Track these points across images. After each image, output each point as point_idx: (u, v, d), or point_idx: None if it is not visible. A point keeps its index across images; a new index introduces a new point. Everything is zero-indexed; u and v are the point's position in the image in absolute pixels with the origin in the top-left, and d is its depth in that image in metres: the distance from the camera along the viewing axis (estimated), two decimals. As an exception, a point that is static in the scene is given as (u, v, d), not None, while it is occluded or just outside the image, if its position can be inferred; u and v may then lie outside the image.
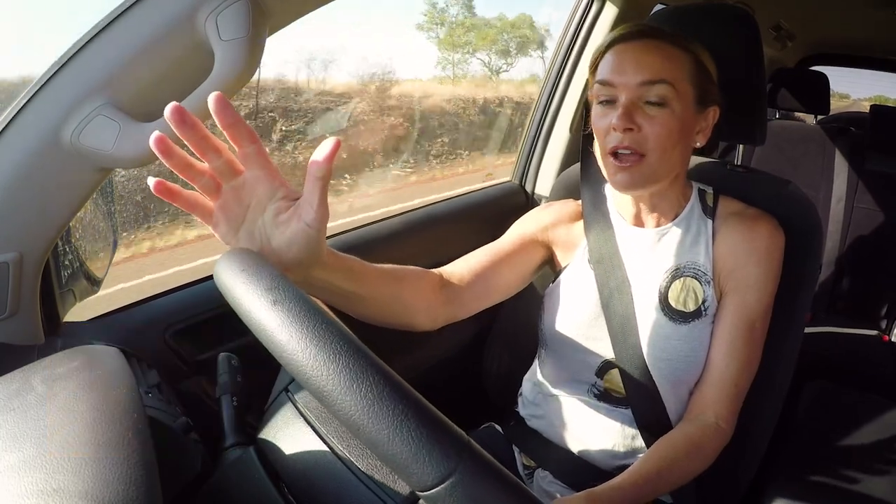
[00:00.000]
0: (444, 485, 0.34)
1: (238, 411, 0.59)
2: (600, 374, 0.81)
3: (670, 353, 0.77)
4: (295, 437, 0.54)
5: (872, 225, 1.89)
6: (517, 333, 1.11)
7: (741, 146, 1.08)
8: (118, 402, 0.46)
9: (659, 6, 1.44)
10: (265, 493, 0.51)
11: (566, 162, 1.45)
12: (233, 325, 0.69)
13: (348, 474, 0.50)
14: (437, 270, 0.78)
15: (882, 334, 1.72)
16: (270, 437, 0.56)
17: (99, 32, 0.57)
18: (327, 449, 0.52)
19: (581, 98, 1.43)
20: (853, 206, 1.91)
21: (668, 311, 0.78)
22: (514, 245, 0.85)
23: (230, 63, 0.56)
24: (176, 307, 0.88)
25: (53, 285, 0.71)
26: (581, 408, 0.83)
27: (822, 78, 2.04)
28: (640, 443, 0.80)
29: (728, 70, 0.80)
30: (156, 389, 0.68)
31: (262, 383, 0.63)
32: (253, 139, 0.49)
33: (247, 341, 0.78)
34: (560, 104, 1.46)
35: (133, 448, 0.41)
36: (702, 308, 0.77)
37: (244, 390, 0.61)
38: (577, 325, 0.82)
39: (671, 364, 0.77)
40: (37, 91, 0.58)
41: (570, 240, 0.88)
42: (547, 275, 0.91)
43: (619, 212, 0.84)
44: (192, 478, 0.56)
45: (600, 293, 0.81)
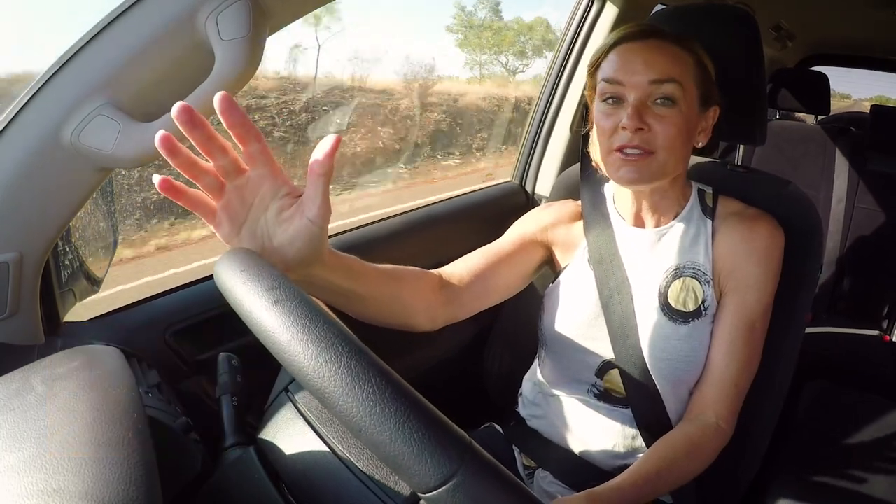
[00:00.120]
0: (446, 486, 0.34)
1: (238, 411, 0.59)
2: (600, 374, 0.81)
3: (670, 353, 0.77)
4: (295, 437, 0.54)
5: (873, 225, 1.89)
6: (517, 333, 1.11)
7: (741, 146, 1.08)
8: (118, 402, 0.46)
9: (659, 6, 1.44)
10: (265, 494, 0.51)
11: (566, 162, 1.45)
12: (233, 325, 0.69)
13: (348, 474, 0.50)
14: (436, 271, 0.78)
15: (883, 334, 1.72)
16: (270, 437, 0.56)
17: (99, 32, 0.57)
18: (327, 449, 0.52)
19: (581, 98, 1.43)
20: (854, 206, 1.91)
21: (668, 311, 0.78)
22: (514, 245, 0.85)
23: (230, 63, 0.56)
24: (176, 307, 0.88)
25: (53, 285, 0.71)
26: (581, 408, 0.83)
27: (822, 78, 2.04)
28: (640, 443, 0.80)
29: (728, 70, 0.80)
30: (156, 389, 0.68)
31: (262, 383, 0.63)
32: (258, 138, 0.49)
33: (247, 341, 0.78)
34: (560, 104, 1.46)
35: (133, 448, 0.41)
36: (702, 308, 0.77)
37: (244, 390, 0.61)
38: (577, 326, 0.82)
39: (671, 364, 0.77)
40: (37, 91, 0.58)
41: (569, 240, 0.88)
42: (547, 275, 0.91)
43: (618, 212, 0.84)
44: (192, 478, 0.56)
45: (600, 293, 0.81)
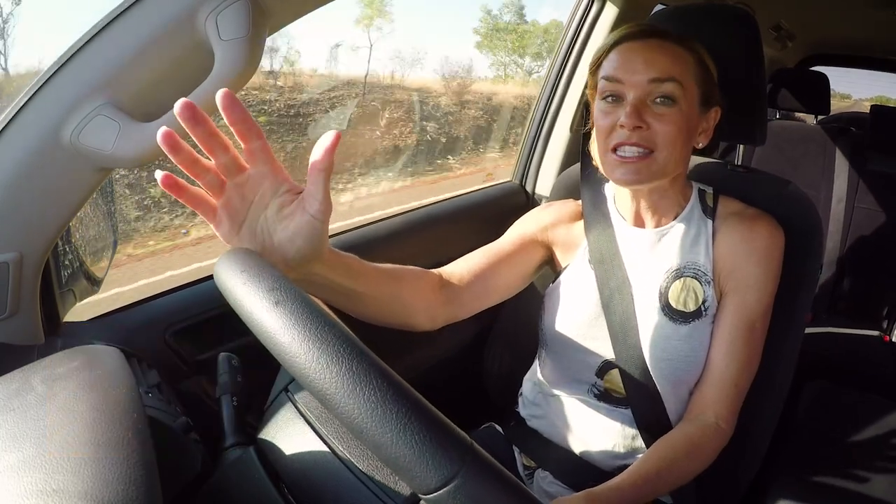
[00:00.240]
0: (447, 488, 0.34)
1: (238, 411, 0.59)
2: (600, 374, 0.81)
3: (670, 353, 0.77)
4: (295, 437, 0.54)
5: (873, 225, 1.89)
6: (518, 333, 1.11)
7: (741, 146, 1.07)
8: (118, 402, 0.46)
9: (659, 6, 1.44)
10: (265, 494, 0.51)
11: (566, 162, 1.45)
12: (233, 325, 0.69)
13: (348, 475, 0.50)
14: (436, 270, 0.78)
15: (883, 334, 1.72)
16: (270, 437, 0.56)
17: (99, 32, 0.57)
18: (327, 449, 0.52)
19: (581, 98, 1.43)
20: (854, 206, 1.91)
21: (669, 311, 0.78)
22: (514, 245, 0.85)
23: (230, 63, 0.56)
24: (176, 307, 0.88)
25: (53, 285, 0.71)
26: (581, 408, 0.83)
27: (822, 78, 2.04)
28: (640, 443, 0.80)
29: (728, 70, 0.80)
30: (156, 389, 0.68)
31: (262, 383, 0.63)
32: (259, 135, 0.49)
33: (247, 341, 0.78)
34: (560, 104, 1.46)
35: (133, 448, 0.41)
36: (702, 308, 0.77)
37: (244, 390, 0.61)
38: (578, 325, 0.82)
39: (671, 364, 0.77)
40: (37, 90, 0.58)
41: (570, 240, 0.88)
42: (547, 275, 0.91)
43: (619, 212, 0.84)
44: (192, 478, 0.56)
45: (601, 293, 0.81)
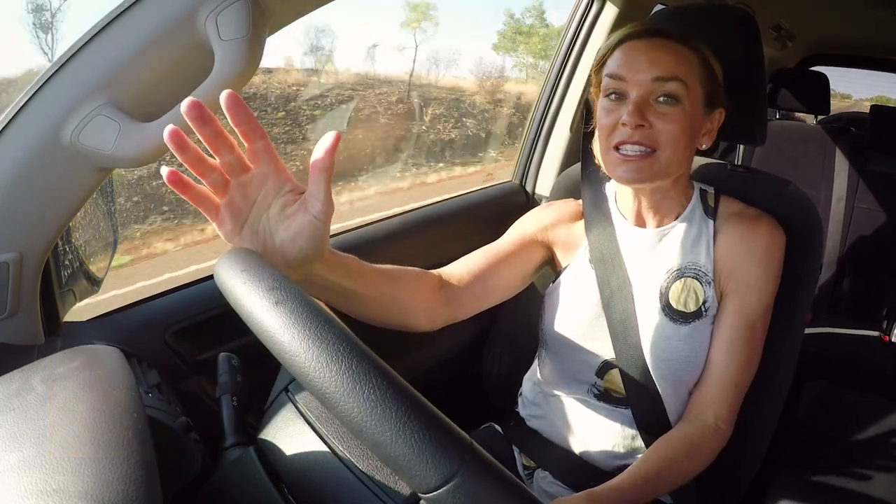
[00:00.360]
0: (446, 487, 0.34)
1: (238, 411, 0.59)
2: (600, 374, 0.81)
3: (671, 353, 0.77)
4: (295, 437, 0.54)
5: (873, 225, 1.89)
6: (518, 334, 1.11)
7: (741, 146, 1.08)
8: (118, 402, 0.46)
9: (659, 6, 1.44)
10: (265, 494, 0.51)
11: (566, 162, 1.44)
12: (233, 325, 0.69)
13: (348, 474, 0.50)
14: (436, 271, 0.78)
15: (883, 335, 1.72)
16: (270, 437, 0.56)
17: (99, 32, 0.57)
18: (327, 449, 0.52)
19: (581, 97, 1.43)
20: (854, 206, 1.91)
21: (669, 311, 0.78)
22: (514, 245, 0.85)
23: (230, 63, 0.56)
24: (176, 307, 0.87)
25: (53, 285, 0.71)
26: (581, 408, 0.83)
27: (822, 78, 2.04)
28: (639, 443, 0.80)
29: (728, 70, 0.80)
30: (156, 389, 0.68)
31: (262, 383, 0.63)
32: (262, 135, 0.50)
33: (247, 341, 0.78)
34: (560, 104, 1.45)
35: (133, 448, 0.41)
36: (702, 308, 0.77)
37: (244, 390, 0.61)
38: (578, 325, 0.82)
39: (671, 364, 0.77)
40: (37, 90, 0.58)
41: (570, 240, 0.88)
42: (547, 275, 0.91)
43: (620, 211, 0.84)
44: (192, 478, 0.56)
45: (601, 293, 0.81)
